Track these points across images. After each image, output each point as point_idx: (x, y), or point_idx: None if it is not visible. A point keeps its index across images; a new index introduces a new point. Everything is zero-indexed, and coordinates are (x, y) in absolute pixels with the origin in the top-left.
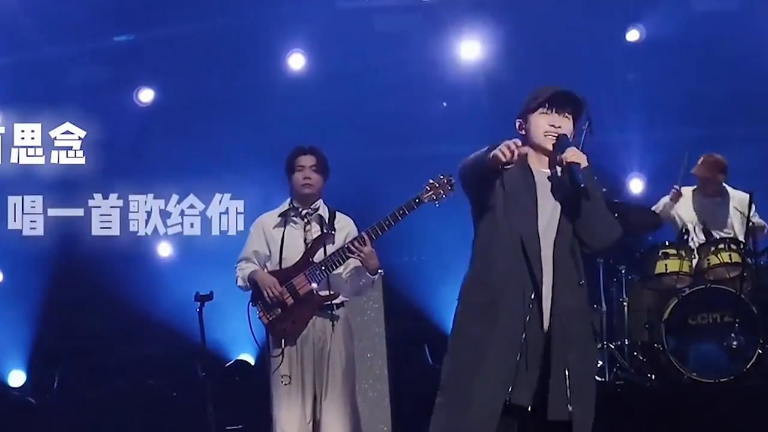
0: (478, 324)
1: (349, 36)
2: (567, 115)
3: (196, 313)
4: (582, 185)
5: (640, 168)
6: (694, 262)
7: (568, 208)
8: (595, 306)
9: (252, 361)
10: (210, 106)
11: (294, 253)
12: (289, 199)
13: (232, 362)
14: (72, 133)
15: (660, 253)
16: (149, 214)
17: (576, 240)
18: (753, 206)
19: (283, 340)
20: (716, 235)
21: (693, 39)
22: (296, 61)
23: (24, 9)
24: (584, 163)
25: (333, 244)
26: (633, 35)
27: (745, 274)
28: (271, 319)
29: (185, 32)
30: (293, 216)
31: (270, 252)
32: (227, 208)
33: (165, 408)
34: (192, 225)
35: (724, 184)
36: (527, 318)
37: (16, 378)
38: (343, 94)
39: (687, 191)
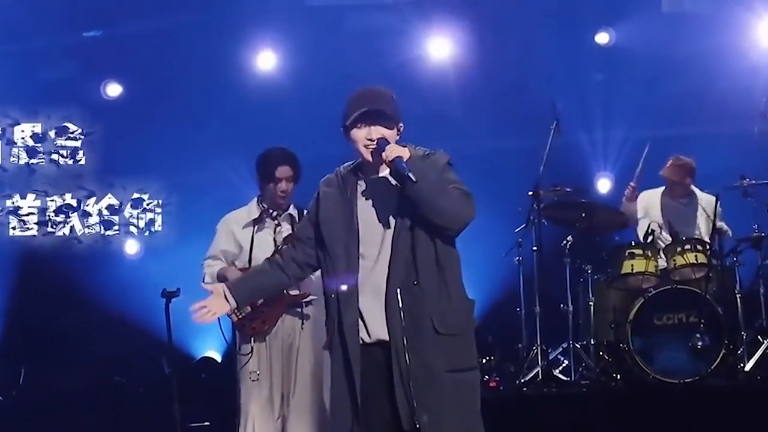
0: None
1: (319, 34)
2: (383, 124)
3: (162, 309)
4: (407, 173)
5: (607, 167)
6: (660, 262)
7: (405, 204)
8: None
9: (218, 358)
10: (178, 103)
11: (263, 252)
12: (257, 199)
13: (198, 359)
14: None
15: (626, 254)
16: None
17: (422, 238)
18: (719, 208)
19: (252, 338)
20: (682, 236)
21: (661, 41)
22: (265, 59)
23: None
24: (406, 155)
25: None
26: (602, 38)
27: (710, 274)
28: (240, 317)
29: (154, 29)
30: (264, 216)
31: (238, 251)
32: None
33: (131, 405)
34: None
35: (692, 187)
36: (359, 340)
37: None
38: (312, 92)
39: (656, 193)
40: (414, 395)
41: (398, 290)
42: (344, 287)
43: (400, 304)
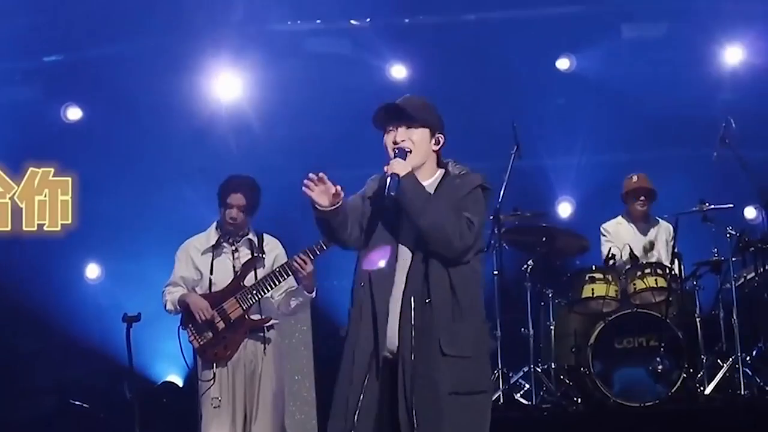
0: (342, 358)
1: (280, 58)
2: (411, 126)
3: (123, 334)
4: (387, 192)
5: (568, 192)
6: (621, 286)
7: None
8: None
9: (180, 383)
10: (140, 127)
11: (224, 277)
12: (216, 224)
13: (159, 384)
14: None
15: (587, 278)
16: None
17: (435, 256)
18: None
19: (214, 364)
20: (642, 260)
21: (621, 66)
22: (226, 83)
23: None
24: (402, 173)
25: (263, 267)
26: (563, 63)
27: (670, 298)
28: (202, 343)
29: (116, 53)
30: (222, 241)
31: (198, 277)
32: None
33: (92, 429)
34: None
35: (649, 212)
36: (373, 346)
37: None
38: (273, 116)
39: (615, 221)
40: (416, 414)
41: (412, 306)
42: (380, 294)
43: (412, 321)
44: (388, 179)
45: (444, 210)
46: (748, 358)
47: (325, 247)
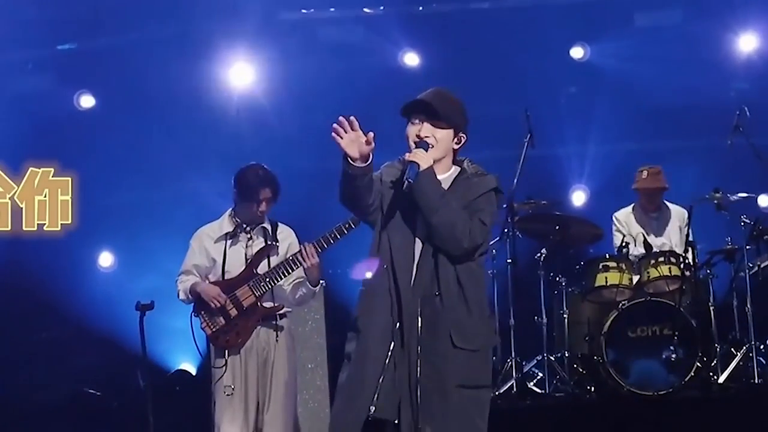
0: (353, 340)
1: (293, 47)
2: (438, 123)
3: (137, 322)
4: (406, 179)
5: (582, 180)
6: (634, 275)
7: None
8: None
9: (193, 371)
10: (153, 116)
11: (237, 265)
12: (231, 212)
13: (173, 372)
14: None
15: (600, 266)
16: None
17: (442, 253)
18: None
19: (226, 352)
20: (656, 248)
21: (634, 54)
22: (239, 72)
23: None
24: (423, 165)
25: (276, 255)
26: (577, 52)
27: (684, 287)
28: (214, 330)
29: (128, 42)
30: (237, 230)
31: (211, 265)
32: None
33: (105, 418)
34: None
35: (663, 199)
36: (392, 332)
37: None
38: (286, 104)
39: (628, 210)
40: (420, 405)
41: (419, 298)
42: (402, 278)
43: (419, 312)
44: (408, 166)
45: (456, 208)
46: (762, 347)
47: (339, 236)
